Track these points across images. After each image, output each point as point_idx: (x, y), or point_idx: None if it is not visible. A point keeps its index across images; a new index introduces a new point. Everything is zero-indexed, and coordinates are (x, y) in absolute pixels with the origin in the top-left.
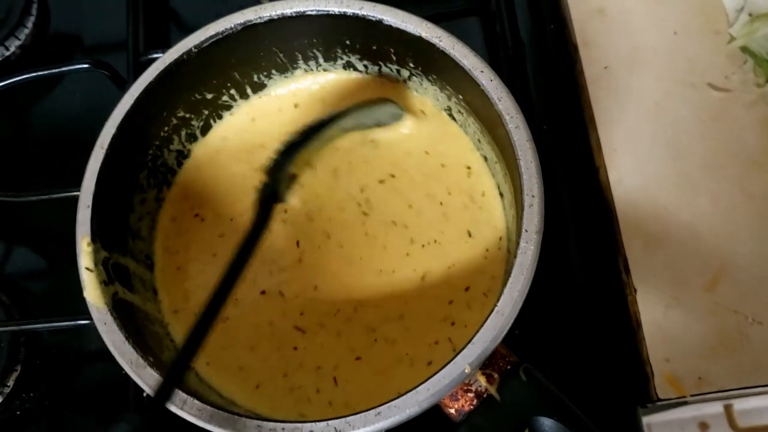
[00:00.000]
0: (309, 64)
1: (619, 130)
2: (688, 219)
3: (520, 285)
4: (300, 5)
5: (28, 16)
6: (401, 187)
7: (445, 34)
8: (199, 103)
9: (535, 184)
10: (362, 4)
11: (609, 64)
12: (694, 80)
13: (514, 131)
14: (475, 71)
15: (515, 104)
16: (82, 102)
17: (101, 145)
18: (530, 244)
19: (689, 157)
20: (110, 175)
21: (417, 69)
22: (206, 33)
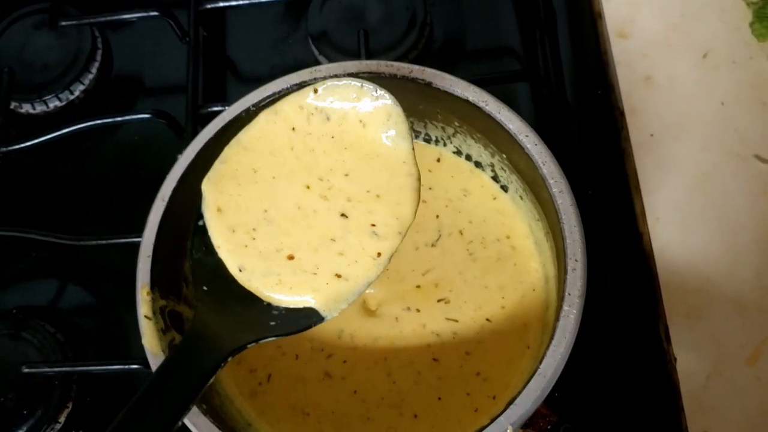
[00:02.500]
0: None
1: (664, 198)
2: (731, 292)
3: (563, 348)
4: (353, 68)
5: (93, 61)
6: (440, 248)
7: (491, 99)
8: None
9: (578, 249)
10: (412, 68)
11: (655, 132)
12: (742, 152)
13: (558, 195)
14: (520, 135)
15: (559, 169)
16: (140, 146)
17: (162, 198)
18: (573, 308)
19: (736, 229)
20: (168, 225)
21: (462, 128)
22: (265, 92)
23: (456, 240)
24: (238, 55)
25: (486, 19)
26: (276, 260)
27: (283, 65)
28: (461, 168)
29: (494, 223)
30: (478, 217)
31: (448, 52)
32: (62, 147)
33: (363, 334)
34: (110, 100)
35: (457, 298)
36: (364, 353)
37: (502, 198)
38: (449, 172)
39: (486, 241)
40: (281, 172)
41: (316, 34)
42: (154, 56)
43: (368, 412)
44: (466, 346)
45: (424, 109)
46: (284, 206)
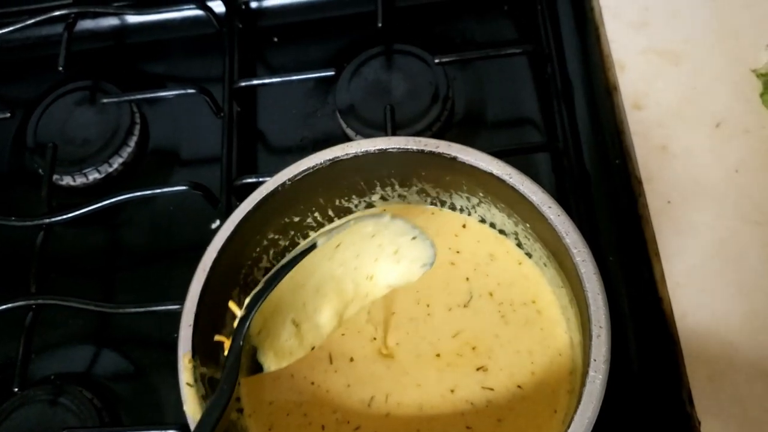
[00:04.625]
0: (386, 189)
1: (684, 264)
2: (754, 356)
3: (590, 413)
4: (383, 143)
5: (131, 136)
6: (472, 309)
7: (515, 172)
8: (287, 226)
9: (602, 316)
10: (438, 143)
11: (672, 199)
12: (758, 218)
13: (582, 264)
14: (543, 206)
15: (582, 238)
16: (176, 216)
17: (203, 268)
18: (599, 374)
19: (757, 295)
20: (208, 295)
21: (486, 198)
22: (299, 167)
23: (487, 301)
24: (269, 129)
25: (505, 91)
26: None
27: (312, 138)
28: (486, 234)
29: (521, 287)
30: (506, 280)
31: (469, 123)
32: (101, 218)
33: (394, 402)
34: (147, 171)
35: (494, 365)
36: (395, 424)
37: (527, 263)
38: (475, 237)
39: (515, 304)
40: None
41: (344, 109)
42: (190, 130)
43: None
44: (499, 413)
45: (450, 180)
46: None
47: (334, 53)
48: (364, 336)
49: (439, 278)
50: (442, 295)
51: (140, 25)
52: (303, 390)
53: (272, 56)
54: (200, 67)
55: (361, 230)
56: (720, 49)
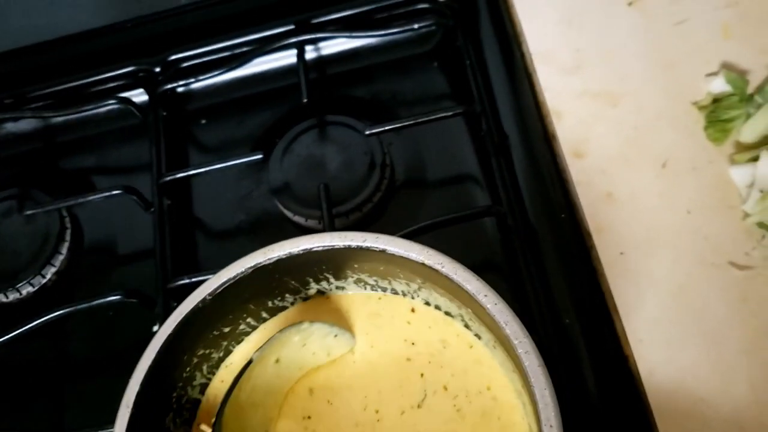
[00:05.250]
0: (321, 284)
1: (643, 317)
2: (727, 410)
3: None
4: (306, 243)
5: (62, 242)
6: (426, 409)
7: (447, 260)
8: (217, 338)
9: (551, 413)
10: (365, 237)
11: (624, 250)
12: (715, 260)
13: (525, 356)
14: (478, 295)
15: (522, 328)
16: (117, 322)
17: (126, 405)
18: None
19: (722, 342)
20: (139, 428)
21: (425, 284)
22: (219, 280)
23: (442, 397)
24: (205, 216)
25: (444, 151)
26: None
27: (249, 220)
28: (435, 318)
29: (475, 374)
30: (459, 369)
31: (411, 187)
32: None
33: None
34: (82, 277)
35: None
36: None
37: (477, 346)
38: (426, 322)
39: (470, 395)
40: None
41: (278, 188)
42: (123, 227)
43: None
44: None
45: (385, 270)
46: None
47: (266, 129)
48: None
49: (393, 378)
50: (395, 397)
51: (63, 124)
52: None
53: (202, 138)
54: (130, 157)
55: (290, 341)
56: (658, 84)
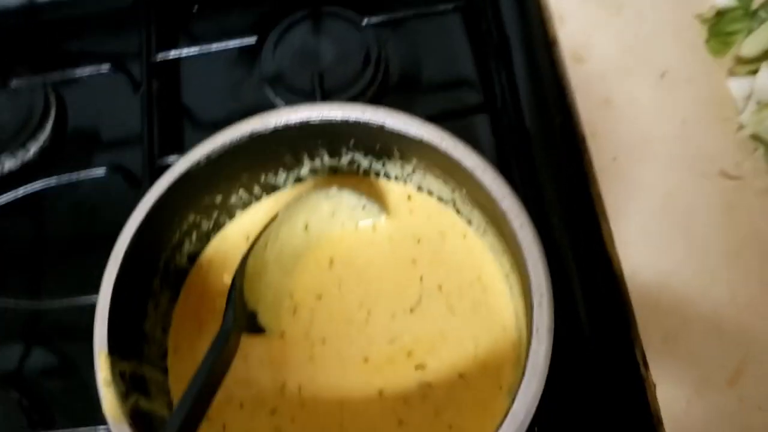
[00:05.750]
0: (314, 161)
1: (632, 221)
2: (707, 311)
3: (534, 387)
4: (306, 113)
5: (47, 119)
6: (418, 314)
7: (446, 136)
8: (209, 206)
9: (543, 283)
10: (365, 109)
11: (617, 155)
12: (706, 169)
13: (520, 230)
14: (477, 171)
15: (519, 203)
16: (99, 202)
17: (115, 258)
18: (542, 344)
19: (705, 247)
20: (125, 286)
21: (420, 165)
22: (214, 143)
23: (435, 299)
24: (194, 103)
25: (441, 51)
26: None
27: (239, 110)
28: (431, 205)
29: (467, 267)
30: (454, 264)
31: (405, 86)
32: (21, 207)
33: (309, 395)
34: (66, 156)
35: (434, 362)
36: (314, 416)
37: (470, 234)
38: (425, 211)
39: (462, 290)
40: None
41: (271, 77)
42: (110, 109)
43: None
44: (436, 405)
45: (381, 148)
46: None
47: (259, 18)
48: (295, 318)
49: (394, 281)
50: (390, 301)
51: (52, 2)
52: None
53: (194, 26)
54: (118, 43)
55: (319, 207)
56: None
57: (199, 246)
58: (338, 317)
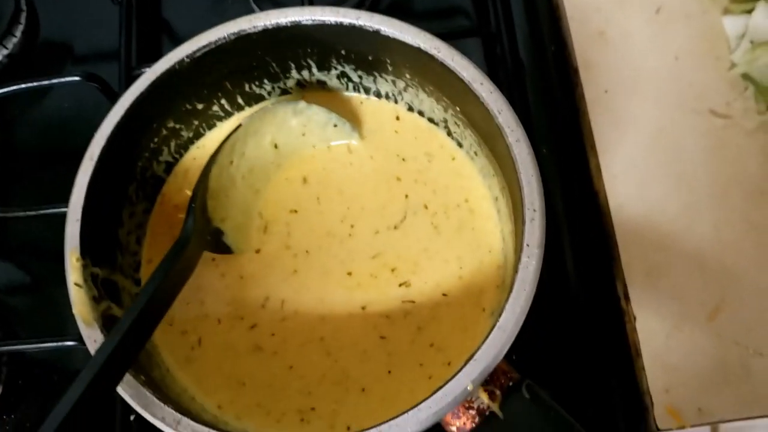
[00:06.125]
0: (302, 73)
1: (620, 155)
2: (690, 248)
3: (523, 301)
4: (295, 14)
5: (17, 24)
6: (402, 231)
7: (443, 45)
8: (189, 114)
9: (536, 198)
10: (359, 14)
11: (609, 88)
12: (696, 106)
13: (515, 145)
14: (474, 83)
15: (515, 117)
16: (71, 114)
17: (90, 157)
18: (532, 259)
19: (692, 185)
20: (99, 188)
21: (413, 80)
22: (198, 42)
23: (421, 217)
24: (175, 17)
25: None
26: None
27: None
28: (420, 126)
29: (454, 188)
30: (441, 185)
31: (396, 11)
32: None
33: (291, 309)
34: (37, 65)
35: (418, 279)
36: (294, 330)
37: (459, 157)
38: (412, 132)
39: (449, 209)
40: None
41: None
42: (84, 20)
43: (308, 387)
44: (419, 322)
45: (373, 61)
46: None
47: None
48: (268, 235)
49: (377, 198)
50: (373, 217)
51: None
52: (200, 274)
53: None
54: None
55: (286, 124)
56: None
57: (178, 156)
58: (319, 230)
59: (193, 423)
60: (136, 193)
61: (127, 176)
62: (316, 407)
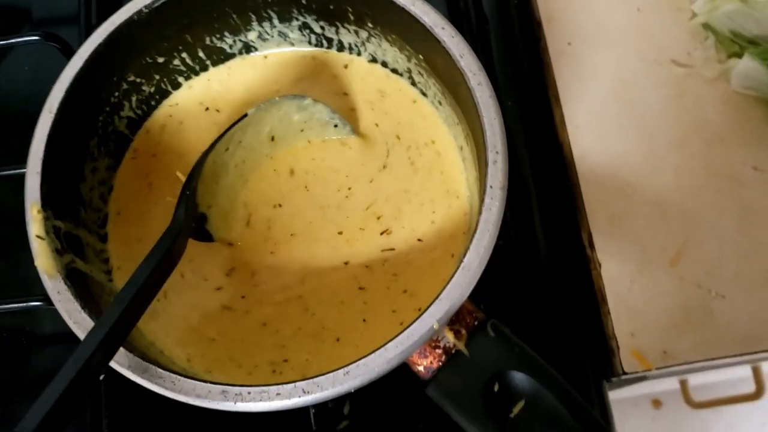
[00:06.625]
0: (263, 25)
1: (583, 106)
2: (652, 195)
3: (486, 241)
4: None
5: None
6: (389, 168)
7: None
8: (150, 68)
9: (498, 140)
10: None
11: (572, 41)
12: (658, 57)
13: (477, 88)
14: (435, 28)
15: (477, 61)
16: (30, 75)
17: (49, 110)
18: (495, 200)
19: (654, 133)
20: (59, 141)
21: (375, 29)
22: None
23: (399, 151)
24: None
25: None
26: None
27: None
28: (371, 70)
29: (420, 127)
30: (405, 119)
31: None
32: None
33: (266, 278)
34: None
35: (398, 225)
36: (269, 292)
37: (422, 102)
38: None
39: (419, 146)
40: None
41: None
42: None
43: (283, 341)
44: (395, 268)
45: (334, 10)
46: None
47: None
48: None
49: (364, 150)
50: (362, 169)
51: None
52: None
53: None
54: None
55: (289, 118)
56: None
57: (140, 112)
58: (308, 212)
59: (160, 370)
60: (98, 148)
61: (87, 130)
62: (289, 359)
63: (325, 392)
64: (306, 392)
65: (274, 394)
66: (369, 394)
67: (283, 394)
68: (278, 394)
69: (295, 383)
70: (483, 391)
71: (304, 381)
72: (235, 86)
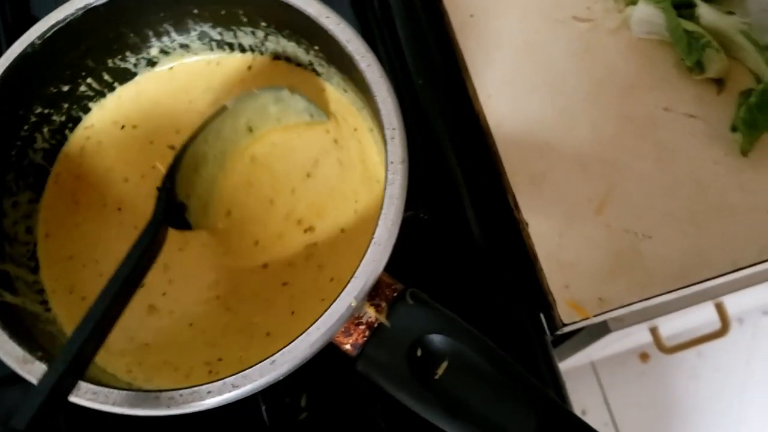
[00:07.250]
0: (162, 40)
1: (493, 75)
2: (571, 151)
3: (392, 214)
4: None
5: None
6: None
7: None
8: (56, 97)
9: (393, 117)
10: None
11: (474, 12)
12: (559, 15)
13: (367, 69)
14: (320, 18)
15: (365, 44)
16: None
17: None
18: (397, 175)
19: (565, 91)
20: None
21: (270, 27)
22: (48, 22)
23: (329, 150)
24: None
25: None
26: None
27: None
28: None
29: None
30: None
31: None
32: None
33: (179, 274)
34: None
35: (321, 222)
36: (185, 291)
37: (329, 90)
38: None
39: (345, 140)
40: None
41: None
42: None
43: (213, 339)
44: (319, 260)
45: (227, 15)
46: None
47: None
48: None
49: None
50: (293, 171)
51: None
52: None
53: None
54: None
55: (266, 111)
56: None
57: (56, 141)
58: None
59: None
60: (16, 182)
61: (1, 166)
62: (223, 357)
63: (254, 383)
64: (235, 386)
65: (205, 393)
66: (323, 383)
67: (214, 392)
68: (209, 392)
69: (224, 379)
70: (407, 357)
71: (233, 376)
72: (146, 102)
